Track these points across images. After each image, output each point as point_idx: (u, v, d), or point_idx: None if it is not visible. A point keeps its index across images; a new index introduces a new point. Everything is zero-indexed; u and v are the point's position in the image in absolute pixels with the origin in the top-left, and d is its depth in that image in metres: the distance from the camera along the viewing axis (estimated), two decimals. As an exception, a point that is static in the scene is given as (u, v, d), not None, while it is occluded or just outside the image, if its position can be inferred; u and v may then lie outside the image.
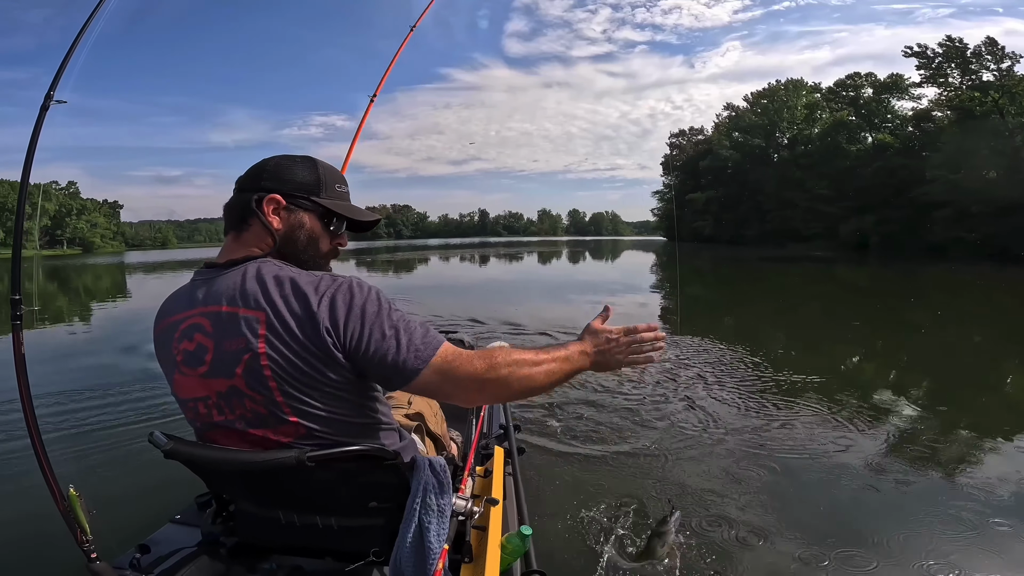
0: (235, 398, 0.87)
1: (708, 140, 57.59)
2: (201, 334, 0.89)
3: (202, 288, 0.92)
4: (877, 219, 30.06)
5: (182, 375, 0.91)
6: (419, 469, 0.93)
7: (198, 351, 0.88)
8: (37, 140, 1.25)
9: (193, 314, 0.91)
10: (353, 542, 0.99)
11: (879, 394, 4.01)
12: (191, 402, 0.92)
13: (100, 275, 22.89)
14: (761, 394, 3.85)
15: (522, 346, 1.01)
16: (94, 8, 1.42)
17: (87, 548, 1.01)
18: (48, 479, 1.07)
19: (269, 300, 0.85)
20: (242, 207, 0.96)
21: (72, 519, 1.03)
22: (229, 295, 0.87)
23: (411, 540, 0.88)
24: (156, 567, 1.03)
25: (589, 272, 18.75)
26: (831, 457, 2.78)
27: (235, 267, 0.92)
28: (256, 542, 1.06)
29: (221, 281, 0.90)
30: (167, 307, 0.98)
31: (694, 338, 5.85)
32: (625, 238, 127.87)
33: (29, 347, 1.18)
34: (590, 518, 2.17)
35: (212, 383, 0.88)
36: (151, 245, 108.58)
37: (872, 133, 36.42)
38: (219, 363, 0.86)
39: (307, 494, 0.97)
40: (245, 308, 0.86)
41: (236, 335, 0.85)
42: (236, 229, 0.97)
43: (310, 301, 0.85)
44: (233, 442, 0.91)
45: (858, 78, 37.93)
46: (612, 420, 3.33)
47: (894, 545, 1.97)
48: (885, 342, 6.28)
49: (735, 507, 2.26)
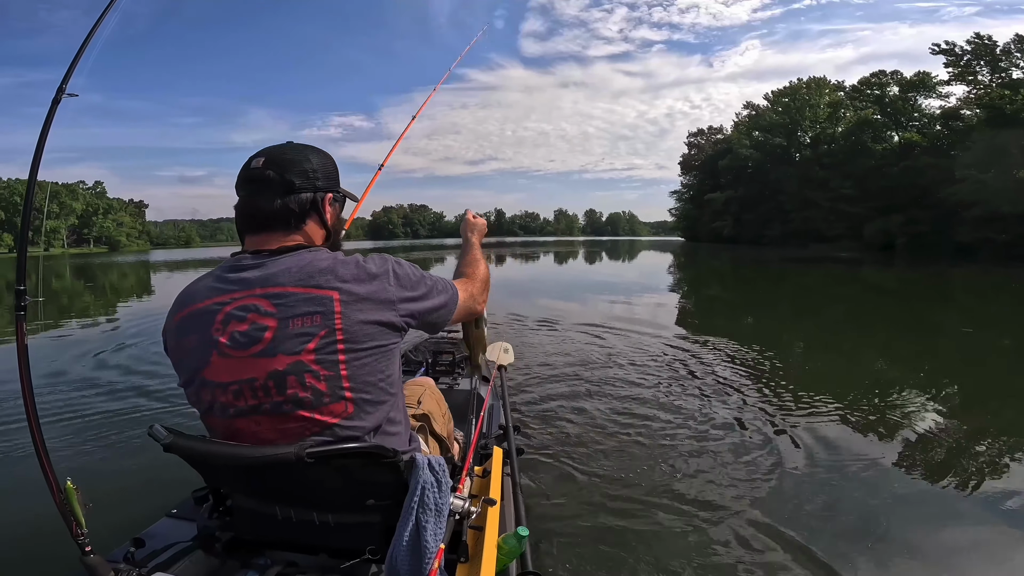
0: (292, 376, 0.88)
1: (727, 139, 56.82)
2: (257, 314, 0.90)
3: (252, 272, 0.94)
4: (904, 219, 29.34)
5: (223, 357, 0.90)
6: (418, 468, 0.93)
7: (252, 331, 0.89)
8: (47, 134, 1.23)
9: (243, 295, 0.92)
10: (349, 539, 0.98)
11: (909, 401, 3.86)
12: (230, 386, 0.90)
13: (125, 272, 23.46)
14: (777, 395, 3.75)
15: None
16: (107, 5, 1.41)
17: (81, 541, 0.99)
18: (45, 471, 1.05)
19: (342, 280, 0.91)
20: (300, 205, 1.00)
21: (68, 512, 1.01)
22: (295, 277, 0.91)
23: (407, 538, 0.88)
24: (150, 561, 1.02)
25: (605, 272, 18.59)
26: (852, 466, 2.67)
27: (288, 254, 0.95)
28: (252, 537, 1.05)
29: (278, 265, 0.93)
30: (193, 293, 0.97)
31: (711, 339, 5.73)
32: (642, 238, 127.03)
33: (43, 340, 1.18)
34: (588, 520, 2.14)
35: (268, 362, 0.88)
36: (175, 244, 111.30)
37: (898, 132, 35.56)
38: (283, 341, 0.88)
39: (305, 490, 0.96)
40: (317, 288, 0.90)
41: (309, 314, 0.89)
42: (287, 227, 1.00)
43: (378, 279, 0.95)
44: (264, 428, 0.91)
45: (883, 76, 37.07)
46: (614, 421, 3.27)
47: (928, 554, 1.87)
48: (915, 346, 6.07)
49: (748, 514, 2.18)
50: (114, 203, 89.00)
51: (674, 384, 4.06)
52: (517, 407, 3.47)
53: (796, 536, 1.99)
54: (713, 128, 66.45)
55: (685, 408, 3.50)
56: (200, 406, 0.96)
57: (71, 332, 6.60)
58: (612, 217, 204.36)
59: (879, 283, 14.48)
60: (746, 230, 46.24)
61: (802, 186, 39.58)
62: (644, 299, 9.58)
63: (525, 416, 3.27)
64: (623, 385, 4.00)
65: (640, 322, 6.95)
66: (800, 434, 3.01)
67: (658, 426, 3.17)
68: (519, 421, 2.90)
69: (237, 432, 0.93)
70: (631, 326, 6.60)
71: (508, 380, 3.00)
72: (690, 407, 3.52)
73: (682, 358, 4.92)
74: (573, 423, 3.22)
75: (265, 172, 0.99)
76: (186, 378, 0.96)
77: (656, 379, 4.17)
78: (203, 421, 1.00)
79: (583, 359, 4.86)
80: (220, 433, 0.95)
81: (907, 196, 29.53)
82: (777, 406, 3.54)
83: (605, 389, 3.90)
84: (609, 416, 3.34)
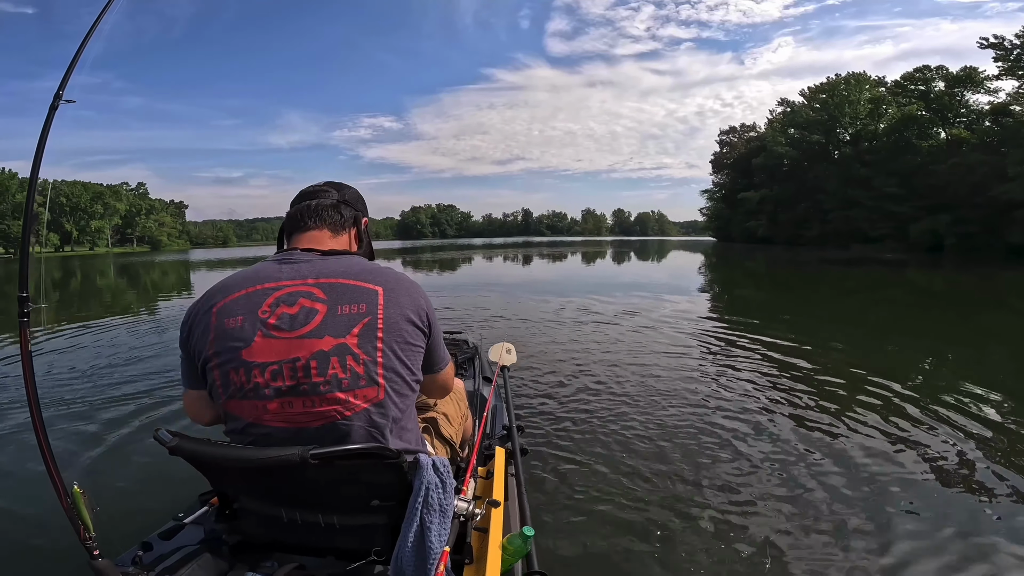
0: (335, 357, 0.96)
1: (761, 137, 55.33)
2: (309, 300, 0.99)
3: (304, 265, 1.05)
4: (952, 219, 27.95)
5: (268, 338, 0.96)
6: (422, 469, 0.95)
7: (303, 314, 0.98)
8: (46, 139, 1.22)
9: (295, 284, 1.01)
10: (355, 541, 1.00)
11: (962, 414, 3.58)
12: (268, 366, 0.96)
13: (167, 271, 24.37)
14: (804, 402, 3.54)
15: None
16: (103, 8, 1.40)
17: (90, 545, 1.00)
18: (52, 476, 1.07)
19: (386, 280, 1.05)
20: (345, 218, 1.21)
21: (75, 516, 1.02)
22: (347, 272, 1.04)
23: (412, 540, 0.91)
24: (158, 565, 1.02)
25: (634, 272, 18.24)
26: (885, 483, 2.47)
27: (338, 255, 1.10)
28: (258, 540, 1.07)
29: (332, 262, 1.06)
30: (241, 281, 1.04)
31: (740, 339, 5.51)
32: (672, 238, 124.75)
33: (57, 342, 1.16)
34: (594, 519, 2.10)
35: (314, 343, 0.96)
36: (213, 243, 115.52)
37: (945, 128, 33.93)
38: (331, 324, 0.97)
39: (310, 492, 0.98)
40: (366, 282, 1.02)
41: (356, 302, 1.00)
42: (334, 230, 1.18)
43: (416, 288, 1.10)
44: (295, 410, 0.95)
45: (928, 71, 35.38)
46: (621, 420, 3.17)
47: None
48: (969, 351, 5.69)
49: (764, 520, 2.09)
50: (156, 203, 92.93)
51: (695, 385, 3.91)
52: (524, 405, 3.41)
53: (818, 544, 1.87)
54: (746, 126, 64.91)
55: (702, 410, 3.38)
56: (228, 388, 0.98)
57: (83, 334, 6.67)
58: (641, 217, 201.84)
59: (927, 286, 13.77)
60: (781, 230, 44.94)
61: (843, 184, 38.18)
62: (671, 299, 9.31)
63: (532, 415, 3.20)
64: (631, 385, 3.88)
65: (662, 321, 6.77)
66: (826, 446, 2.84)
67: (671, 426, 3.07)
68: (523, 421, 2.87)
69: (266, 414, 0.96)
70: (651, 324, 6.46)
71: (512, 378, 2.93)
72: (707, 409, 3.39)
73: (705, 359, 4.76)
74: (578, 423, 3.14)
75: (325, 188, 1.24)
76: (221, 360, 0.98)
77: (675, 379, 4.03)
78: (225, 407, 1.01)
79: (595, 358, 4.76)
80: (246, 415, 0.98)
81: (956, 195, 28.13)
82: (804, 410, 3.35)
83: (609, 388, 3.79)
84: (616, 416, 3.25)
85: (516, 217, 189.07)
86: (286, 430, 0.97)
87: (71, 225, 72.15)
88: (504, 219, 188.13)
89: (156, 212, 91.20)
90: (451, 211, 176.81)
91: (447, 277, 16.76)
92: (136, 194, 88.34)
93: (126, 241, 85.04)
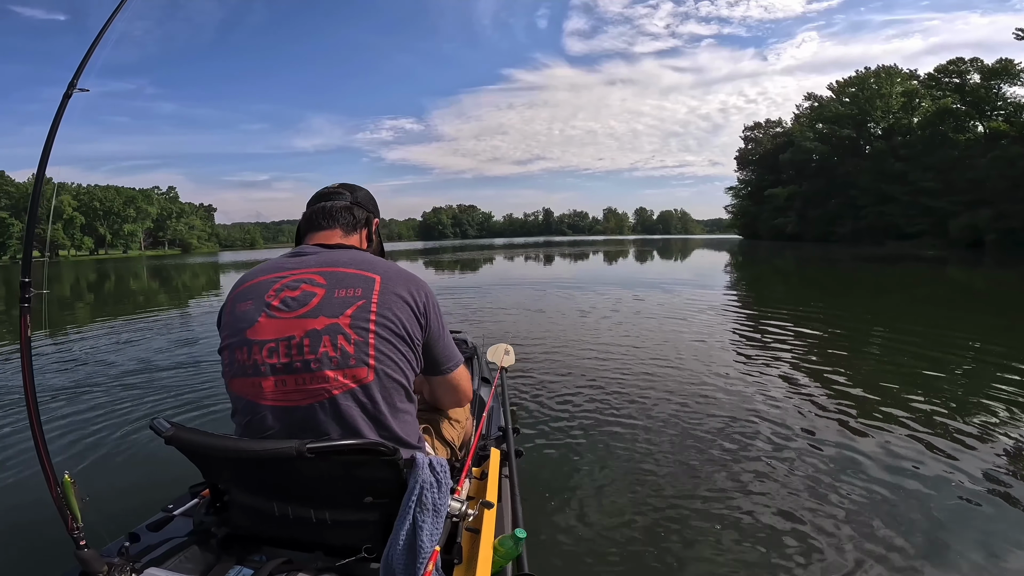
0: (327, 336, 0.99)
1: (787, 132, 54.15)
2: (310, 284, 1.05)
3: (313, 256, 1.12)
4: (994, 214, 26.83)
5: (271, 318, 1.01)
6: (418, 467, 0.95)
7: (303, 296, 1.03)
8: (57, 128, 1.21)
9: (304, 271, 1.08)
10: (346, 537, 0.99)
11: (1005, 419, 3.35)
12: (267, 343, 1.00)
13: (197, 273, 25.03)
14: (825, 404, 3.37)
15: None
16: (118, 4, 1.38)
17: (77, 535, 0.99)
18: (44, 464, 1.06)
19: (384, 270, 1.09)
20: (357, 219, 1.27)
21: (64, 505, 1.00)
22: (348, 261, 1.10)
23: (404, 538, 0.90)
24: (144, 556, 1.01)
25: (657, 271, 17.93)
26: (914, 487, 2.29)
27: (344, 248, 1.17)
28: (248, 533, 1.06)
29: (336, 253, 1.13)
30: (256, 272, 1.13)
31: (764, 336, 5.31)
32: (696, 236, 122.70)
33: (65, 337, 1.12)
34: (587, 522, 2.06)
35: (309, 322, 1.00)
36: (241, 245, 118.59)
37: (983, 121, 32.58)
38: (327, 305, 1.01)
39: (304, 486, 0.98)
40: (364, 271, 1.08)
41: (353, 287, 1.04)
42: (346, 229, 1.24)
43: (416, 280, 1.12)
44: (289, 388, 0.98)
45: (962, 64, 34.12)
46: (621, 422, 3.08)
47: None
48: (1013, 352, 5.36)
49: (761, 523, 2.00)
50: (186, 207, 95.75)
51: (701, 387, 3.76)
52: (523, 406, 3.35)
53: (814, 548, 1.78)
54: (771, 121, 63.34)
55: (707, 411, 3.24)
56: (232, 368, 1.03)
57: (87, 329, 6.87)
58: (664, 215, 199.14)
59: (968, 283, 13.16)
60: (811, 227, 43.85)
61: (876, 179, 37.04)
62: (694, 297, 9.09)
63: (525, 419, 3.12)
64: (632, 386, 3.77)
65: (679, 320, 6.60)
66: (841, 452, 2.67)
67: (672, 429, 2.96)
68: (519, 423, 2.83)
69: (262, 392, 0.99)
70: (664, 324, 6.29)
71: (510, 377, 2.89)
72: (713, 409, 3.27)
73: (725, 362, 4.57)
74: (576, 424, 3.07)
75: (339, 189, 1.30)
76: (230, 341, 1.04)
77: (682, 382, 3.89)
78: (229, 388, 1.05)
79: (595, 358, 4.65)
80: (246, 393, 1.01)
81: (996, 189, 27.00)
82: (824, 412, 3.18)
83: (611, 388, 3.71)
84: (616, 417, 3.17)
85: (537, 217, 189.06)
86: (279, 408, 0.99)
87: (104, 229, 74.91)
88: (525, 219, 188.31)
89: (186, 215, 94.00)
90: (472, 212, 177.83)
91: (468, 277, 16.75)
92: (167, 198, 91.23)
93: (158, 244, 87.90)
